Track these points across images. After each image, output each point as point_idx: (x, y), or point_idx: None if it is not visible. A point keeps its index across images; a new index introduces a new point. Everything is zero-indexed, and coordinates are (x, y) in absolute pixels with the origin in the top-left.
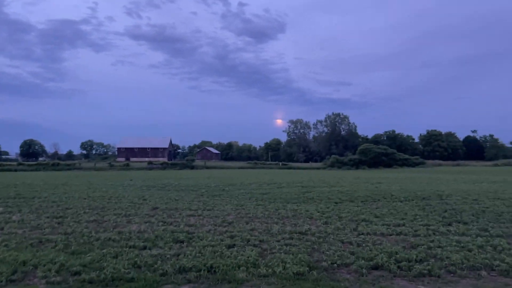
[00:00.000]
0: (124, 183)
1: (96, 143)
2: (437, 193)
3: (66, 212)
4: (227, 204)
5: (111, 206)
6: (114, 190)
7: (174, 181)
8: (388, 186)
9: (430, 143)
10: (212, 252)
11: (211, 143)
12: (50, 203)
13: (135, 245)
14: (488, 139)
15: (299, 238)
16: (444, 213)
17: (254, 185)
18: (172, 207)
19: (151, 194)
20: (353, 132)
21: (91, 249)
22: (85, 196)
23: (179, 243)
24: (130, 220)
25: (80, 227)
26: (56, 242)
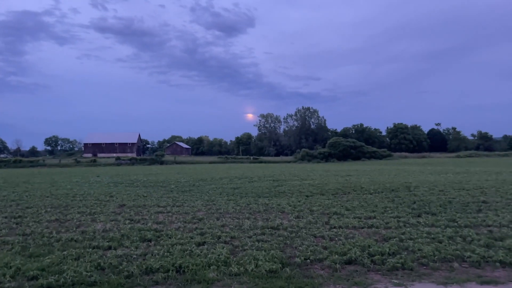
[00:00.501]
0: (90, 180)
1: (62, 139)
2: (405, 184)
3: (25, 212)
4: (197, 200)
5: (75, 204)
6: (79, 187)
7: (143, 177)
8: (358, 178)
9: (397, 136)
10: (181, 250)
11: (181, 138)
12: (9, 202)
13: (99, 245)
14: (451, 131)
15: (271, 234)
16: (413, 205)
17: (225, 180)
18: (140, 204)
19: (118, 191)
20: (322, 126)
21: (50, 251)
22: (47, 194)
23: (147, 242)
24: (95, 219)
25: (40, 227)
26: (13, 244)
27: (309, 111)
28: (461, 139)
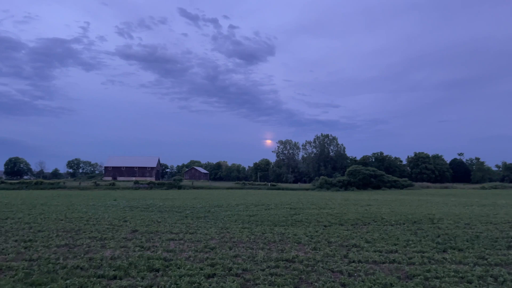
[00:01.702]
0: (107, 203)
1: (83, 162)
2: (428, 216)
3: (36, 235)
4: (211, 227)
5: (88, 228)
6: (95, 211)
7: (159, 201)
8: (378, 208)
9: (418, 165)
10: (189, 283)
11: (200, 163)
12: (22, 224)
13: (105, 274)
14: (474, 162)
15: (286, 267)
16: (437, 238)
17: (241, 207)
18: (153, 230)
19: (133, 216)
20: (341, 154)
21: (54, 279)
22: (62, 217)
23: (154, 272)
24: (104, 245)
25: (48, 252)
26: (17, 270)
27: (328, 138)
28: (485, 170)
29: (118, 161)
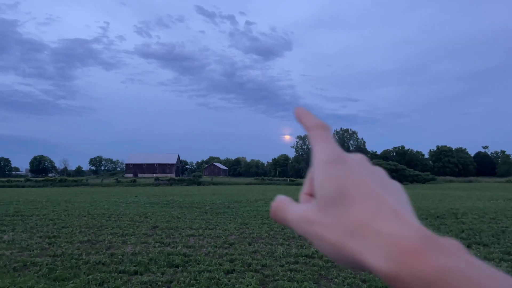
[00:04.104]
0: (128, 200)
1: (105, 159)
2: (451, 211)
3: (60, 232)
4: (231, 223)
5: (109, 224)
6: (116, 207)
7: (179, 197)
8: None
9: (440, 159)
10: (208, 279)
11: (219, 159)
12: (47, 221)
13: (126, 269)
14: (500, 155)
15: (305, 262)
16: (461, 234)
17: (260, 202)
18: (173, 226)
19: (154, 212)
20: (362, 148)
21: (76, 274)
22: (85, 213)
23: (174, 267)
24: (126, 241)
25: (71, 248)
26: (41, 265)
27: (348, 133)
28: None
29: (139, 158)
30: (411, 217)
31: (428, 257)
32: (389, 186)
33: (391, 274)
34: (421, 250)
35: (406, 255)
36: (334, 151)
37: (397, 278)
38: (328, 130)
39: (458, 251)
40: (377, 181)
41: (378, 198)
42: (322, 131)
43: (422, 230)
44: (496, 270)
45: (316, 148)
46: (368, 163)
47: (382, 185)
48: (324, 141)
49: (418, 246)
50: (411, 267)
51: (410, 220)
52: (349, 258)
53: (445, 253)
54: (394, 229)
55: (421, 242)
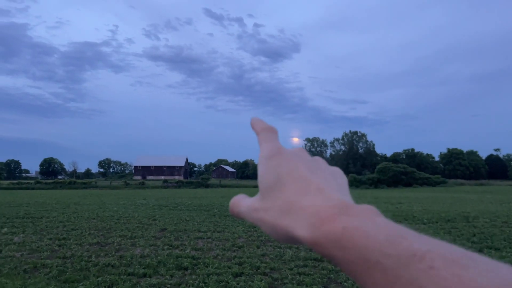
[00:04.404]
0: (136, 202)
1: (114, 162)
2: (462, 214)
3: (70, 234)
4: (239, 226)
5: (118, 227)
6: (125, 210)
7: (187, 200)
8: (409, 206)
9: (451, 162)
10: (217, 282)
11: (227, 162)
12: (57, 223)
13: (135, 272)
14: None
15: (314, 266)
16: (473, 238)
17: None
18: (181, 228)
19: (162, 214)
20: (371, 151)
21: (86, 276)
22: (94, 216)
23: (183, 270)
24: (134, 243)
25: (81, 250)
26: (51, 267)
27: (357, 135)
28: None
29: (147, 160)
30: (335, 193)
31: (337, 221)
32: (322, 170)
33: (312, 240)
34: (333, 216)
35: (322, 221)
36: (274, 147)
37: (316, 242)
38: (273, 132)
39: (366, 214)
40: (308, 167)
41: (306, 180)
42: (268, 133)
43: (340, 202)
44: (396, 226)
45: (261, 147)
46: (304, 154)
47: (313, 170)
48: (267, 141)
49: (331, 213)
50: (325, 231)
51: (333, 195)
52: (286, 235)
53: (352, 216)
54: (316, 202)
55: (335, 210)
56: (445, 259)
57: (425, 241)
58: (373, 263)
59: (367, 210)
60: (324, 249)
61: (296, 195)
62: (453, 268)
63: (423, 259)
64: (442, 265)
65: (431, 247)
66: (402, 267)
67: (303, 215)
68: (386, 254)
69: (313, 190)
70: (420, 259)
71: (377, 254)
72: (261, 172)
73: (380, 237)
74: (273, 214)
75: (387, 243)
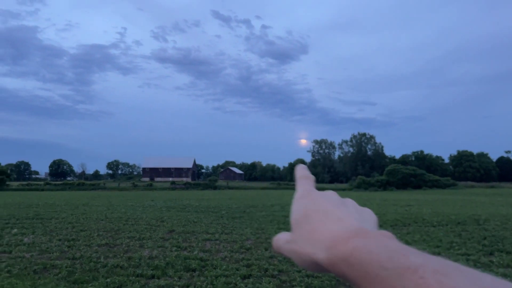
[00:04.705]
0: (144, 204)
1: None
2: (473, 217)
3: (79, 235)
4: (247, 228)
5: (127, 228)
6: (133, 211)
7: (195, 202)
8: (419, 208)
9: (461, 164)
10: (225, 283)
11: (234, 163)
12: (66, 224)
13: (143, 273)
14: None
15: None
16: (483, 241)
17: (277, 207)
18: (189, 230)
19: (170, 216)
20: (379, 152)
21: (95, 277)
22: (102, 217)
23: (191, 271)
24: (143, 245)
25: (89, 251)
26: (60, 268)
27: (365, 137)
28: None
29: (155, 162)
30: (354, 222)
31: (349, 242)
32: (348, 206)
33: (328, 261)
34: (346, 239)
35: (337, 243)
36: (306, 190)
37: (331, 263)
38: (310, 179)
39: (378, 237)
40: (334, 204)
41: (329, 212)
42: (304, 180)
43: (356, 228)
44: (401, 246)
45: (296, 191)
46: (334, 195)
47: (338, 205)
48: (302, 186)
49: (345, 237)
50: (338, 251)
51: (351, 223)
52: (310, 261)
53: (364, 238)
54: (334, 229)
55: (349, 234)
56: (434, 270)
57: (422, 257)
58: (373, 276)
59: (380, 234)
60: (337, 268)
61: (318, 225)
62: (439, 277)
63: (416, 272)
64: (431, 275)
65: (425, 262)
66: (397, 278)
67: (322, 240)
68: (384, 268)
69: (334, 219)
70: (414, 271)
71: (377, 268)
72: (293, 210)
73: (382, 254)
74: (300, 244)
75: (387, 258)
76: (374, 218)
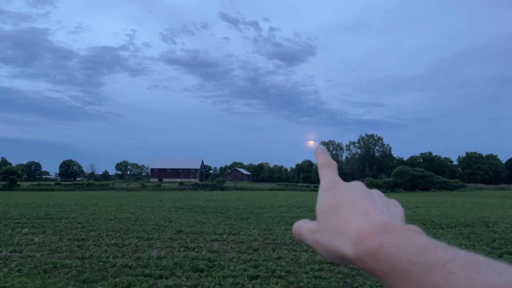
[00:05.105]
0: (153, 204)
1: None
2: (482, 219)
3: (88, 235)
4: (254, 229)
5: (135, 228)
6: (142, 212)
7: (203, 202)
8: (427, 211)
9: (470, 166)
10: (233, 284)
11: (242, 164)
12: (75, 224)
13: (151, 273)
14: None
15: (330, 270)
16: (492, 243)
17: (284, 208)
18: (197, 230)
19: (178, 216)
20: (387, 154)
21: (104, 277)
22: (111, 217)
23: (199, 272)
24: (151, 245)
25: (99, 251)
26: (70, 267)
27: (373, 139)
28: None
29: (163, 163)
30: (381, 216)
31: (376, 237)
32: (375, 199)
33: (355, 256)
34: (373, 234)
35: (364, 238)
36: (332, 181)
37: (359, 258)
38: (333, 167)
39: (405, 232)
40: (361, 196)
41: (356, 205)
42: (328, 168)
43: (383, 222)
44: (429, 241)
45: (321, 180)
46: (360, 186)
47: (365, 197)
48: (327, 175)
49: (372, 232)
50: (365, 246)
51: (378, 217)
52: (336, 254)
53: (391, 233)
54: (361, 223)
55: (376, 229)
56: (464, 265)
57: (451, 252)
58: (402, 271)
59: (408, 229)
60: (364, 263)
61: (345, 218)
62: (469, 272)
63: (445, 267)
64: (460, 270)
65: (454, 257)
66: (426, 273)
67: (349, 235)
68: (413, 263)
69: (360, 213)
70: (442, 266)
71: (406, 263)
72: (319, 201)
73: (410, 249)
74: (326, 236)
75: (415, 253)
76: (401, 210)
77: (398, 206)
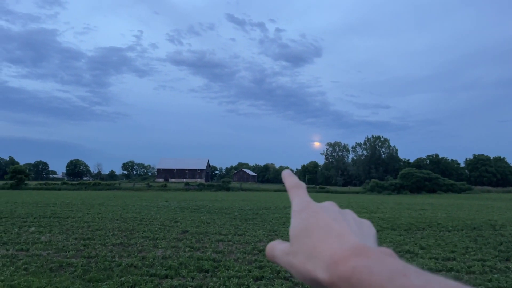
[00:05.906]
0: (159, 204)
1: (137, 164)
2: (489, 222)
3: (94, 234)
4: (259, 229)
5: (141, 228)
6: (147, 211)
7: (209, 203)
8: (433, 213)
9: (477, 168)
10: (237, 285)
11: (248, 165)
12: (82, 223)
13: (157, 273)
14: None
15: None
16: (500, 246)
17: (289, 209)
18: (203, 231)
19: (184, 217)
20: (393, 156)
21: (109, 276)
22: (117, 217)
23: (204, 272)
24: (156, 245)
25: (104, 250)
26: (76, 266)
27: (379, 140)
28: None
29: (169, 163)
30: (354, 238)
31: (349, 262)
32: (348, 220)
33: (329, 281)
34: (346, 258)
35: (337, 262)
36: (303, 201)
37: (332, 283)
38: (302, 187)
39: (378, 255)
40: (334, 217)
41: (329, 227)
42: (297, 189)
43: (356, 245)
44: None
45: (292, 202)
46: (333, 206)
47: (338, 219)
48: (298, 196)
49: (345, 255)
50: (339, 271)
51: (351, 240)
52: (310, 278)
53: (364, 257)
54: (334, 246)
55: (349, 253)
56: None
57: (423, 277)
58: None
59: (381, 252)
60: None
61: (318, 241)
62: None
63: None
64: None
65: (426, 282)
66: None
67: (322, 258)
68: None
69: (333, 235)
70: None
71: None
72: (292, 223)
73: (383, 274)
74: (299, 259)
75: (388, 279)
76: (373, 231)
77: (371, 226)
